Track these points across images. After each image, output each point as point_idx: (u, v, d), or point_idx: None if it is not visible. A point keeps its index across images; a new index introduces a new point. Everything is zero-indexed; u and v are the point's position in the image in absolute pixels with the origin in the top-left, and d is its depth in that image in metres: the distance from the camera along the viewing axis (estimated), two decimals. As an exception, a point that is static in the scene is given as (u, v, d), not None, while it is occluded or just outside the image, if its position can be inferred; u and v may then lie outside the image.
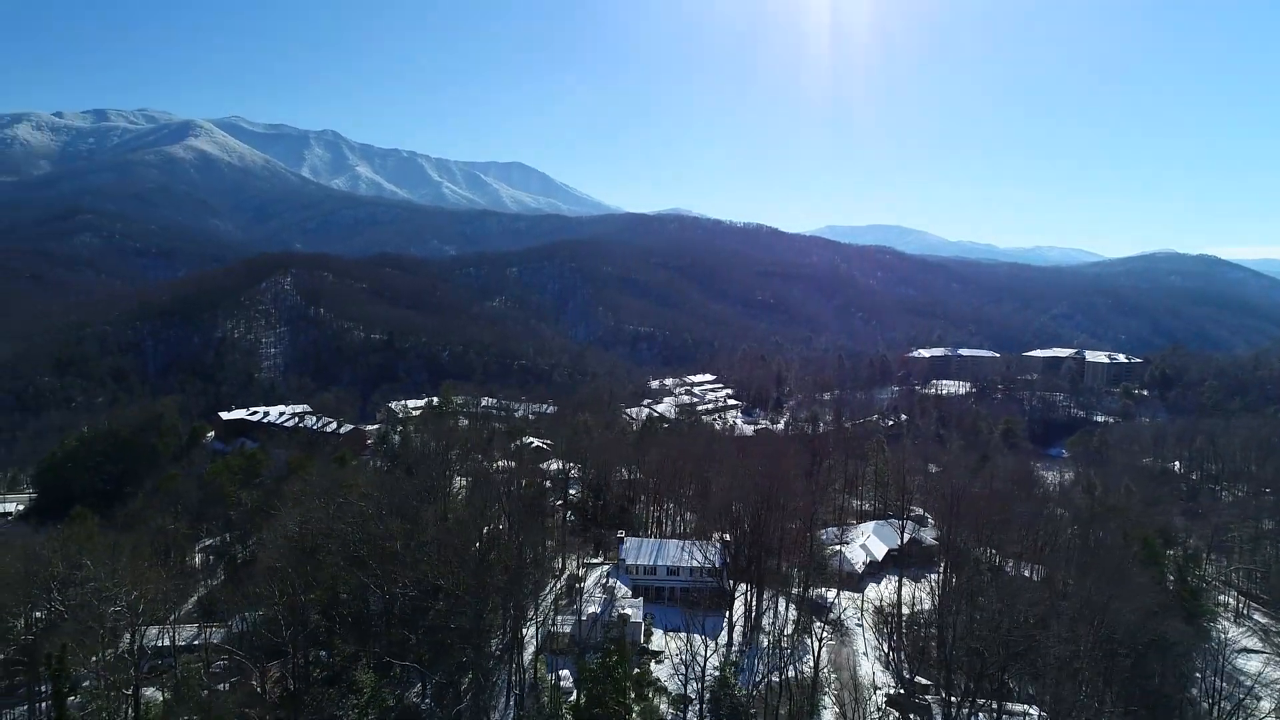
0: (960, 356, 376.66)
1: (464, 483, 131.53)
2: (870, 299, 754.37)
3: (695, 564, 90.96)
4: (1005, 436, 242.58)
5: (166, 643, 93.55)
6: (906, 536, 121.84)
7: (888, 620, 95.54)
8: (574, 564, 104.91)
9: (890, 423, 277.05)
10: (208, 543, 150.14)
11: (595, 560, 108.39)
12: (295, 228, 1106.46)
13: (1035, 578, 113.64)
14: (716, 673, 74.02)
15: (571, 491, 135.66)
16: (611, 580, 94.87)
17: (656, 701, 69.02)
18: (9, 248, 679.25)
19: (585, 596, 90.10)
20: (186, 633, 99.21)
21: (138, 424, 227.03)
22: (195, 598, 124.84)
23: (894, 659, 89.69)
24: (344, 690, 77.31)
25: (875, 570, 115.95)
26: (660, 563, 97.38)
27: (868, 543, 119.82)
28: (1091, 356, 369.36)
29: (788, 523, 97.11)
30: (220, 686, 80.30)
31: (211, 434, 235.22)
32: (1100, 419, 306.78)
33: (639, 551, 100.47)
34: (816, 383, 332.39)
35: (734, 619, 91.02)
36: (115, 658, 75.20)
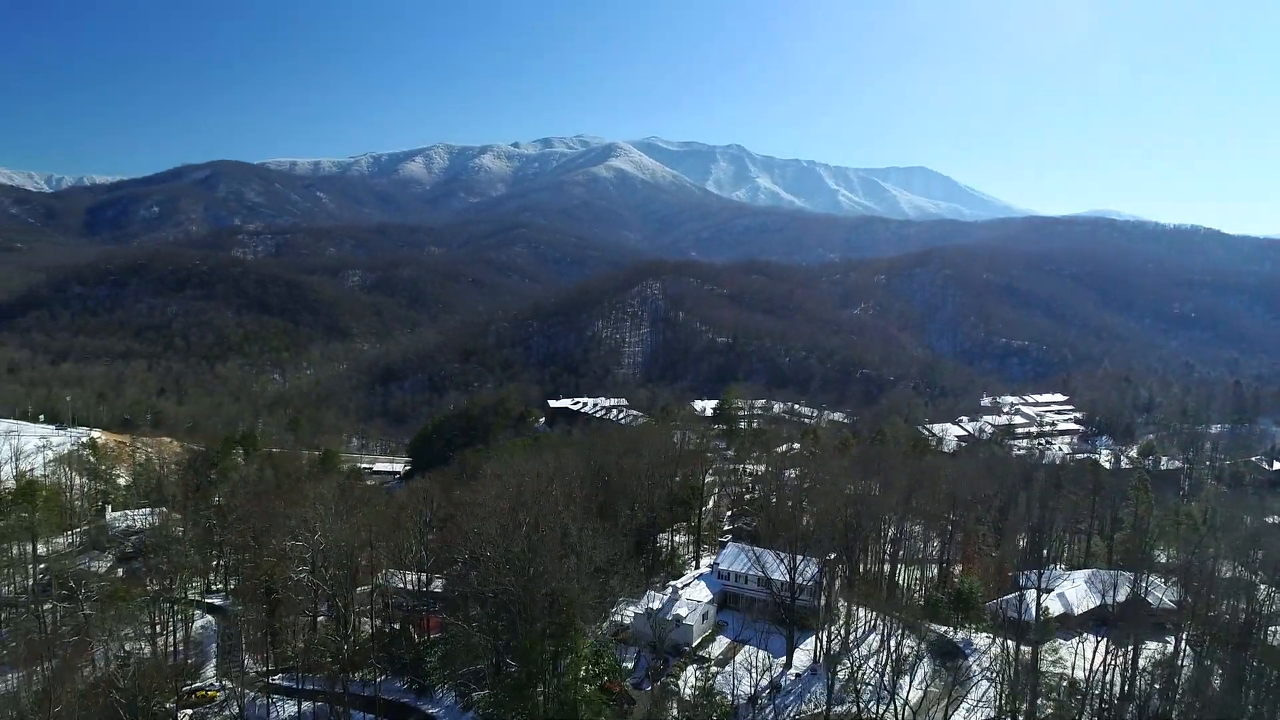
0: None
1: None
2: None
3: (784, 578, 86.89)
4: None
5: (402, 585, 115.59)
6: (1128, 592, 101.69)
7: (1028, 679, 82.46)
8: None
9: (1275, 466, 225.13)
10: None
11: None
12: (691, 237, 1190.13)
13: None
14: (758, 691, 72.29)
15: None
16: (697, 583, 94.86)
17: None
18: (464, 256, 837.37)
19: (660, 593, 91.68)
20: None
21: (485, 406, 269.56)
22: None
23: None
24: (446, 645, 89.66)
25: (1072, 625, 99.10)
26: (752, 572, 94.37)
27: (1068, 591, 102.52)
28: None
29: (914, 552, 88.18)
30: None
31: (543, 418, 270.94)
32: None
33: (735, 558, 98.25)
34: (1195, 413, 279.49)
35: (800, 641, 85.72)
36: (294, 585, 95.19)
